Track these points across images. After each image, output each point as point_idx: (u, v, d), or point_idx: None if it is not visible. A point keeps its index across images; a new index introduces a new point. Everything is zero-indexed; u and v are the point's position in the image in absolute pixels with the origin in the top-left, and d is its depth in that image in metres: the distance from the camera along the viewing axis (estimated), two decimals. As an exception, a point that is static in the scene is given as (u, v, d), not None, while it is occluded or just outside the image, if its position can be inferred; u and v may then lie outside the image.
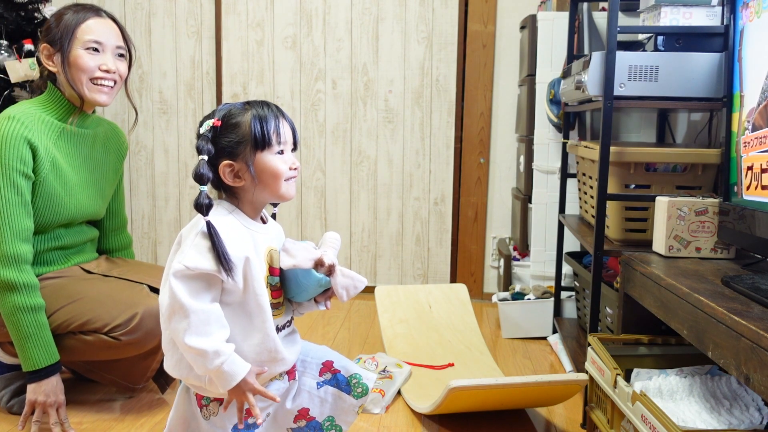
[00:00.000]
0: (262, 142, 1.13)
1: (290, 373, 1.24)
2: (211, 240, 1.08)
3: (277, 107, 1.18)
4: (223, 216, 1.14)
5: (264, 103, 1.17)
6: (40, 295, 1.63)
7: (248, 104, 1.16)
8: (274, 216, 1.29)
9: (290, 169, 1.16)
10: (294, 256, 1.16)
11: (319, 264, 1.16)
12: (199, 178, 1.11)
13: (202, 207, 1.09)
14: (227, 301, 1.12)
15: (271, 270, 1.17)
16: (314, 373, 1.28)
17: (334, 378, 1.28)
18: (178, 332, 1.07)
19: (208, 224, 1.09)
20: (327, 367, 1.28)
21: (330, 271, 1.16)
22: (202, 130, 1.13)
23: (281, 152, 1.16)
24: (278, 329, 1.18)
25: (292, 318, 1.25)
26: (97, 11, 1.71)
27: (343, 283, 1.17)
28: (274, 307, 1.17)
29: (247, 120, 1.13)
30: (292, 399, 1.26)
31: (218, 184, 1.17)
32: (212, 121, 1.13)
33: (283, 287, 1.19)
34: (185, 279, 1.07)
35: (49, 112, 1.70)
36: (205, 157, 1.11)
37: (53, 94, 1.72)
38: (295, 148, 1.20)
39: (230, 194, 1.18)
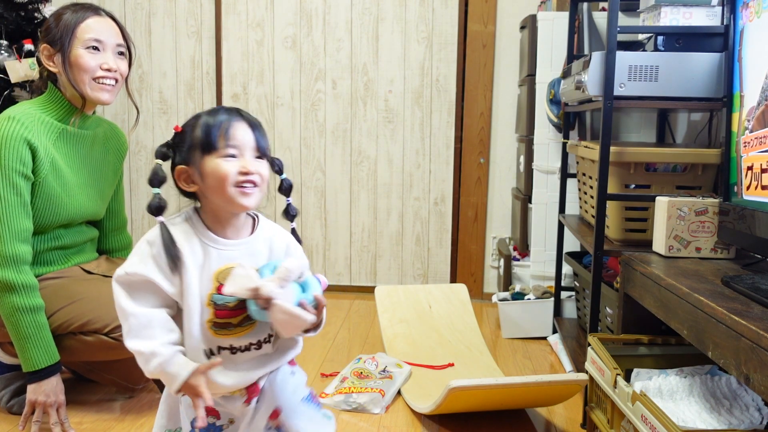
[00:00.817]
0: (207, 145, 1.11)
1: (250, 395, 1.17)
2: (162, 241, 1.09)
3: (239, 112, 1.14)
4: (176, 223, 1.14)
5: (225, 108, 1.15)
6: (40, 295, 1.63)
7: (210, 110, 1.15)
8: (293, 231, 1.25)
9: (240, 173, 1.10)
10: (234, 283, 1.07)
11: (255, 296, 1.06)
12: (150, 180, 1.12)
13: (152, 209, 1.11)
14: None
15: (219, 288, 1.11)
16: (266, 414, 1.19)
17: (277, 430, 1.20)
18: (123, 334, 1.09)
19: (161, 225, 1.11)
20: (274, 415, 1.19)
21: (267, 304, 1.05)
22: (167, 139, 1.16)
23: (232, 156, 1.11)
24: (233, 350, 1.13)
25: (266, 340, 1.16)
26: (95, 10, 1.71)
27: (280, 319, 1.06)
28: (223, 326, 1.11)
29: (198, 123, 1.13)
30: (247, 429, 1.19)
31: (182, 192, 1.16)
32: (174, 126, 1.15)
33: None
34: (124, 284, 1.09)
35: (49, 113, 1.70)
36: (160, 162, 1.12)
37: (53, 95, 1.72)
38: (261, 156, 1.14)
39: (198, 203, 1.17)
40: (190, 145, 1.12)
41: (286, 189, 1.26)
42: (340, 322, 2.68)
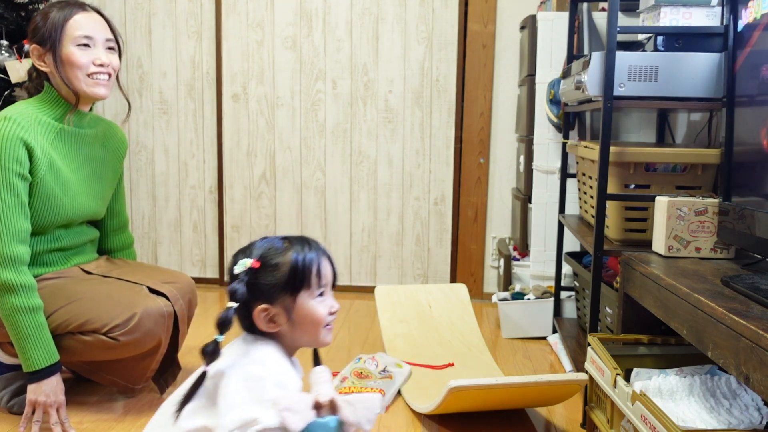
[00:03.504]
0: (302, 285, 1.06)
1: None
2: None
3: (317, 244, 1.11)
4: (273, 351, 1.07)
5: (305, 241, 1.10)
6: (38, 295, 1.63)
7: (288, 242, 1.09)
8: (316, 356, 1.21)
9: (330, 314, 1.10)
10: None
11: (317, 407, 1.03)
12: (221, 325, 1.03)
13: (208, 353, 1.03)
14: None
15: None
16: None
17: None
18: None
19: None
20: None
21: (333, 407, 1.03)
22: (237, 270, 1.06)
23: (321, 294, 1.09)
24: None
25: None
26: (82, 5, 1.70)
27: (355, 414, 1.03)
28: None
29: (287, 261, 1.06)
30: None
31: (250, 328, 1.10)
32: (250, 261, 1.06)
33: None
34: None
35: (46, 113, 1.70)
36: (234, 305, 1.04)
37: (50, 94, 1.71)
38: (334, 286, 1.12)
39: (264, 336, 1.10)
40: (277, 284, 1.06)
41: None
42: (340, 322, 2.68)
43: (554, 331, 2.44)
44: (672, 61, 1.62)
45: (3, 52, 2.36)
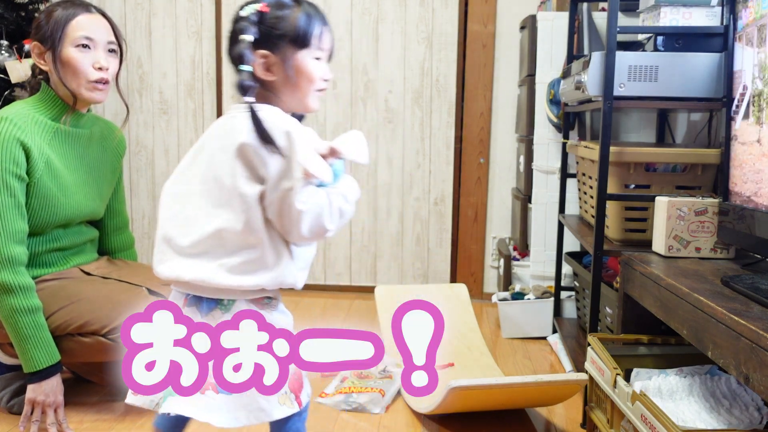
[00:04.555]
0: (306, 41, 1.09)
1: None
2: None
3: (324, 14, 1.13)
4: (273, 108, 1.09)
5: (314, 6, 1.13)
6: (37, 296, 1.63)
7: (296, 1, 1.11)
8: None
9: (323, 79, 1.12)
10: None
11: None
12: (240, 58, 1.05)
13: (243, 88, 1.05)
14: None
15: None
16: None
17: None
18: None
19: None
20: None
21: (333, 153, 1.08)
22: (244, 13, 1.08)
23: (318, 59, 1.12)
24: None
25: None
26: (86, 7, 1.70)
27: (352, 151, 1.09)
28: None
29: (296, 14, 1.09)
30: None
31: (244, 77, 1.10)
32: (259, 5, 1.08)
33: None
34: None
35: (43, 112, 1.69)
36: (251, 38, 1.05)
37: (47, 94, 1.71)
38: (329, 60, 1.15)
39: (258, 94, 1.10)
40: (282, 34, 1.08)
41: None
42: (340, 322, 2.68)
43: (554, 331, 2.44)
44: (672, 61, 1.62)
45: (3, 52, 2.36)
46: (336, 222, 1.07)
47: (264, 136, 1.04)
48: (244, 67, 1.05)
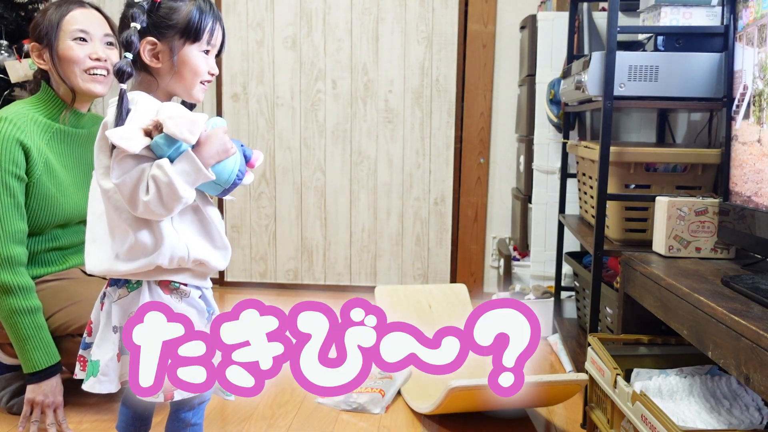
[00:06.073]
0: (194, 35, 1.13)
1: None
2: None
3: (218, 10, 1.18)
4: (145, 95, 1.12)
5: (209, 1, 1.17)
6: (36, 296, 1.63)
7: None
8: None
9: (209, 73, 1.16)
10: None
11: (148, 133, 1.07)
12: (127, 44, 1.09)
13: (121, 74, 1.07)
14: None
15: None
16: None
17: None
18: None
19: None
20: None
21: (158, 128, 1.06)
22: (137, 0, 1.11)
23: (206, 52, 1.16)
24: None
25: None
26: (80, 2, 1.71)
27: (177, 126, 1.05)
28: None
29: (189, 8, 1.12)
30: None
31: (134, 60, 1.12)
32: None
33: None
34: None
35: (42, 112, 1.70)
36: (138, 26, 1.09)
37: (46, 94, 1.71)
38: (218, 55, 1.19)
39: (143, 78, 1.15)
40: (172, 25, 1.11)
41: None
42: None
43: (554, 331, 2.44)
44: (672, 61, 1.62)
45: (3, 52, 2.36)
46: (154, 195, 1.05)
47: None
48: (128, 55, 1.09)
